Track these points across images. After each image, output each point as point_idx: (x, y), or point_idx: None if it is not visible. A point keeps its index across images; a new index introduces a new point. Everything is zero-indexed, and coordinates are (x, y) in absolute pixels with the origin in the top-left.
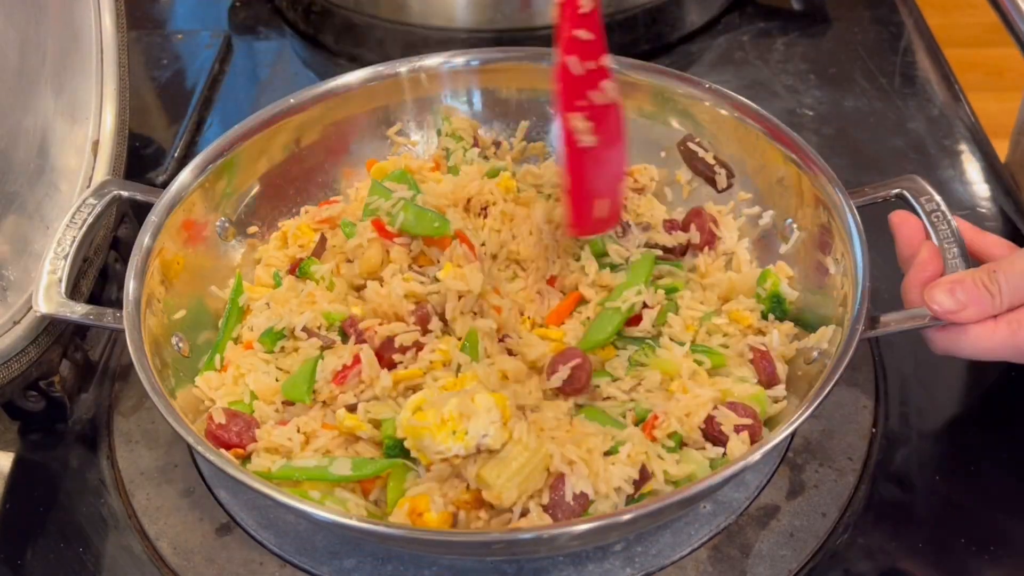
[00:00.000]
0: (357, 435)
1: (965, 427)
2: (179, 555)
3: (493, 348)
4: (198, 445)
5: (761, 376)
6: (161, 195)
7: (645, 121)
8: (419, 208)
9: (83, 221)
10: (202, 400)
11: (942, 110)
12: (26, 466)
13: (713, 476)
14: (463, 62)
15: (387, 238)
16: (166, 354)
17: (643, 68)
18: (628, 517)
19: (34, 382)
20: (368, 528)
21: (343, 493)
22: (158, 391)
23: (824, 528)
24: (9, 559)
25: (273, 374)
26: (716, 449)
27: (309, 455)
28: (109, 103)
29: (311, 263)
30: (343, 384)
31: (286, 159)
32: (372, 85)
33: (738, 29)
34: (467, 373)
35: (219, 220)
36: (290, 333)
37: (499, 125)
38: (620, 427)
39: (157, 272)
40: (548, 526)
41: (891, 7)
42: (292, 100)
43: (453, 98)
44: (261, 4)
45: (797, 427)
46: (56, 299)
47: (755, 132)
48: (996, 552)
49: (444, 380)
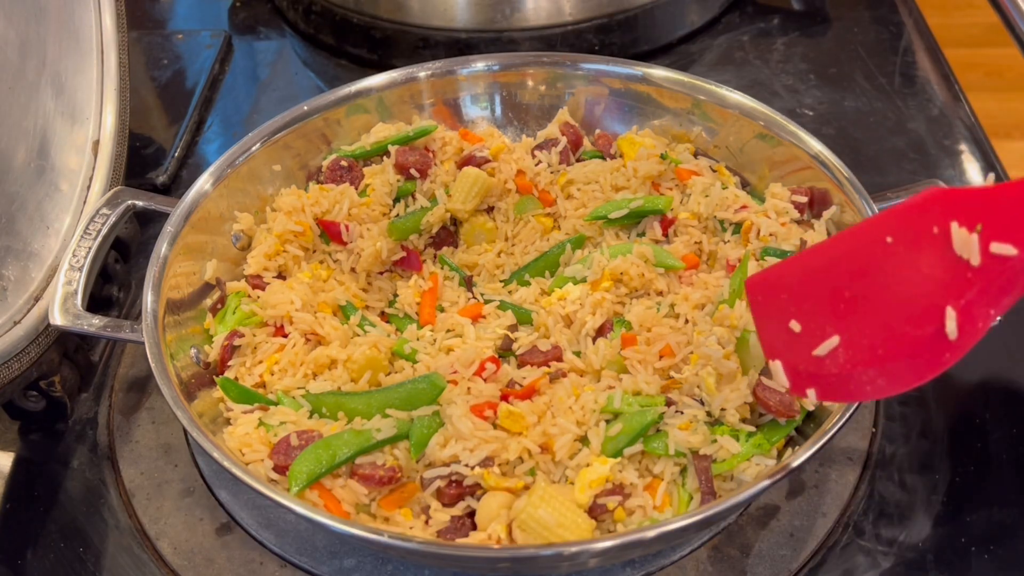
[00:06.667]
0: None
1: (965, 427)
2: (179, 555)
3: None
4: (224, 460)
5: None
6: (177, 204)
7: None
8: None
9: (97, 232)
10: (220, 412)
11: (942, 110)
12: (26, 466)
13: (751, 488)
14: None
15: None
16: (180, 363)
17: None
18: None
19: (34, 382)
20: (391, 543)
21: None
22: (180, 405)
23: (824, 528)
24: (9, 559)
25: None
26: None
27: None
28: (109, 103)
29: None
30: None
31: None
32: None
33: (738, 29)
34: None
35: (235, 231)
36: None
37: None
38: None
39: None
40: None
41: (891, 7)
42: (305, 107)
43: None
44: (261, 4)
45: (843, 426)
46: (72, 312)
47: (786, 143)
48: (996, 552)
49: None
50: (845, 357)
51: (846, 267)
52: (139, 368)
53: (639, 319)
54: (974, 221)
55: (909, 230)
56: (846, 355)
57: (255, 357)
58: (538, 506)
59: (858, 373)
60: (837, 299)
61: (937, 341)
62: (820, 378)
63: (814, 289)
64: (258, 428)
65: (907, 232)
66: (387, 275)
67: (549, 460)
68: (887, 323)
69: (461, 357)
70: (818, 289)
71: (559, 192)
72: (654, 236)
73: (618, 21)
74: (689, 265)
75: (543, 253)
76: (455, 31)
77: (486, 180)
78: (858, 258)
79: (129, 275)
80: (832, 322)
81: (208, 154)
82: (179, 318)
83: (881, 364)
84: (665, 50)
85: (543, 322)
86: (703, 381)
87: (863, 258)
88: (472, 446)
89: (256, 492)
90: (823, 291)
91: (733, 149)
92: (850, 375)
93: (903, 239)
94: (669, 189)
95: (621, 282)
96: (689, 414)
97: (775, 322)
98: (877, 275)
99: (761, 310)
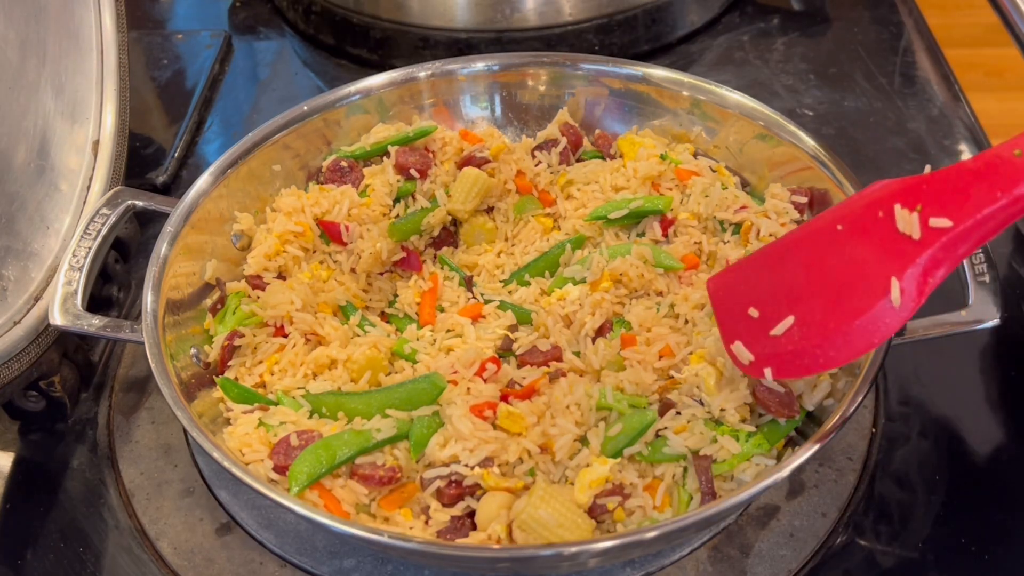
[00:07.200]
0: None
1: (965, 427)
2: (179, 555)
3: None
4: (224, 460)
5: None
6: (177, 204)
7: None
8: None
9: (97, 232)
10: (220, 412)
11: (942, 110)
12: (26, 466)
13: (751, 488)
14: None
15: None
16: (180, 364)
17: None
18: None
19: (34, 382)
20: (393, 544)
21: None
22: (180, 405)
23: (824, 528)
24: (9, 559)
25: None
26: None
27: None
28: (109, 103)
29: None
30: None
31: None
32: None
33: (738, 29)
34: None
35: (235, 232)
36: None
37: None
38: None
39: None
40: (572, 543)
41: (891, 7)
42: (305, 107)
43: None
44: (261, 4)
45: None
46: (72, 312)
47: (786, 143)
48: (996, 552)
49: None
50: (800, 334)
51: (800, 255)
52: (139, 368)
53: (639, 319)
54: (914, 203)
55: (857, 217)
56: (801, 332)
57: (255, 357)
58: (538, 506)
59: (812, 347)
60: (792, 284)
61: (883, 310)
62: (777, 356)
63: (770, 278)
64: (258, 428)
65: (855, 219)
66: (387, 275)
67: (549, 460)
68: (837, 299)
69: (461, 357)
70: (774, 277)
71: (559, 192)
72: (654, 236)
73: (618, 21)
74: (689, 265)
75: (543, 253)
76: (455, 31)
77: (486, 180)
78: (811, 246)
79: (129, 275)
80: (787, 304)
81: (208, 154)
82: (179, 318)
83: (832, 336)
84: (665, 50)
85: (543, 322)
86: (703, 381)
87: (815, 246)
88: (472, 446)
89: (256, 492)
90: (779, 278)
91: (733, 149)
92: (804, 350)
93: (851, 225)
94: (669, 189)
95: (621, 283)
96: (688, 414)
97: (735, 311)
98: (828, 258)
99: (721, 304)
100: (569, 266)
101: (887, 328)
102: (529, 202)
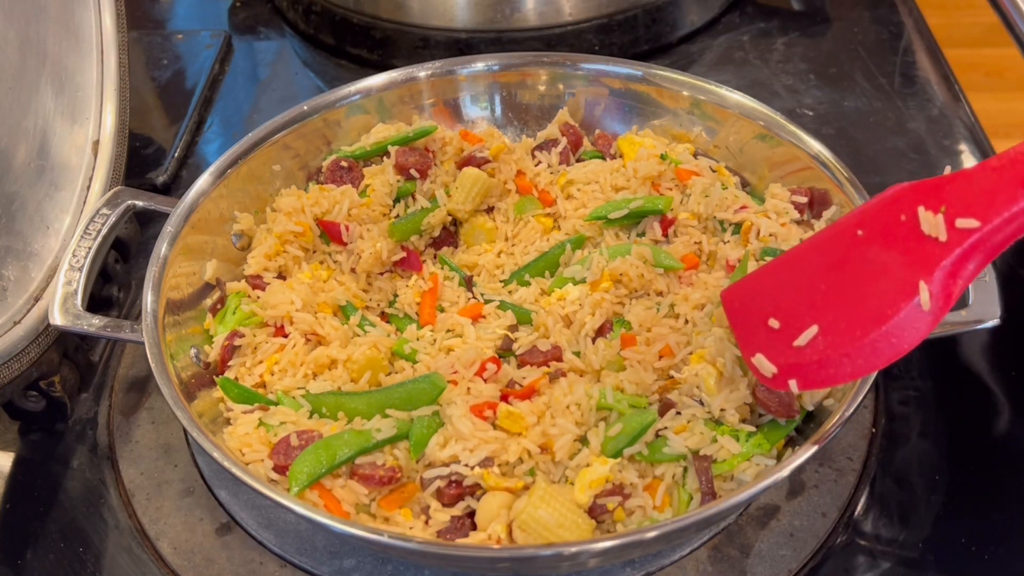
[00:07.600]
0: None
1: (965, 427)
2: (179, 555)
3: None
4: (224, 460)
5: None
6: (177, 204)
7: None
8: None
9: (97, 232)
10: (220, 412)
11: (942, 110)
12: (26, 466)
13: (751, 487)
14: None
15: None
16: (180, 364)
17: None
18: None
19: (34, 382)
20: (393, 544)
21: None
22: (180, 405)
23: (824, 528)
24: (9, 559)
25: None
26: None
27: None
28: (109, 103)
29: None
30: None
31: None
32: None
33: (738, 29)
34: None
35: (235, 232)
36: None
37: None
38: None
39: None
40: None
41: (891, 7)
42: (305, 107)
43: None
44: (261, 4)
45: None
46: (72, 312)
47: (786, 143)
48: (996, 552)
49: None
50: (825, 343)
51: (820, 263)
52: (139, 368)
53: (639, 319)
54: (938, 204)
55: (878, 221)
56: (826, 341)
57: (255, 357)
58: (538, 506)
59: (839, 356)
60: (814, 292)
61: (912, 314)
62: (801, 367)
63: (790, 287)
64: (258, 428)
65: (876, 223)
66: (387, 275)
67: (549, 460)
68: (863, 306)
69: (461, 357)
70: (794, 287)
71: (559, 192)
72: (654, 236)
73: (618, 21)
74: (689, 265)
75: (543, 253)
76: (455, 31)
77: (486, 180)
78: (831, 253)
79: (129, 275)
80: (810, 314)
81: (208, 154)
82: (179, 318)
83: (860, 343)
84: (665, 50)
85: (543, 322)
86: (703, 381)
87: (836, 252)
88: (472, 446)
89: (256, 492)
90: (799, 287)
91: (733, 149)
92: (830, 359)
93: (873, 230)
94: (669, 189)
95: (621, 283)
96: (688, 414)
97: (753, 324)
98: (850, 265)
99: (738, 316)
100: (569, 266)
101: (917, 333)
102: (529, 202)
